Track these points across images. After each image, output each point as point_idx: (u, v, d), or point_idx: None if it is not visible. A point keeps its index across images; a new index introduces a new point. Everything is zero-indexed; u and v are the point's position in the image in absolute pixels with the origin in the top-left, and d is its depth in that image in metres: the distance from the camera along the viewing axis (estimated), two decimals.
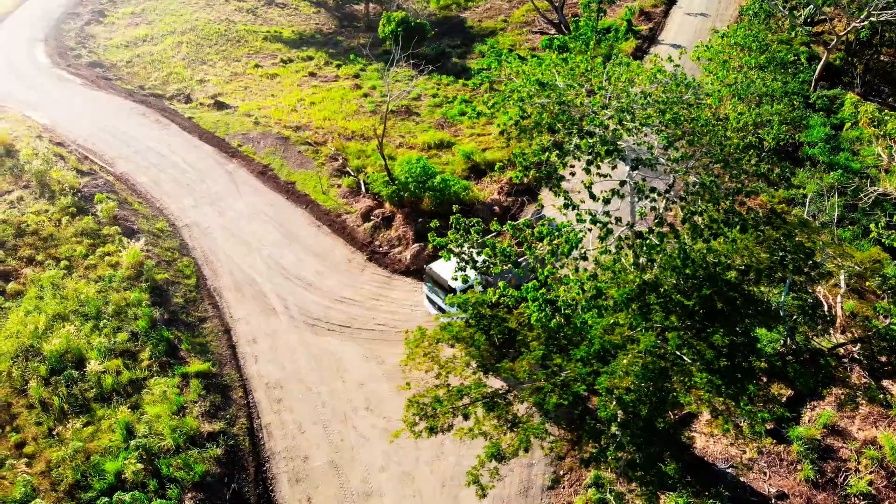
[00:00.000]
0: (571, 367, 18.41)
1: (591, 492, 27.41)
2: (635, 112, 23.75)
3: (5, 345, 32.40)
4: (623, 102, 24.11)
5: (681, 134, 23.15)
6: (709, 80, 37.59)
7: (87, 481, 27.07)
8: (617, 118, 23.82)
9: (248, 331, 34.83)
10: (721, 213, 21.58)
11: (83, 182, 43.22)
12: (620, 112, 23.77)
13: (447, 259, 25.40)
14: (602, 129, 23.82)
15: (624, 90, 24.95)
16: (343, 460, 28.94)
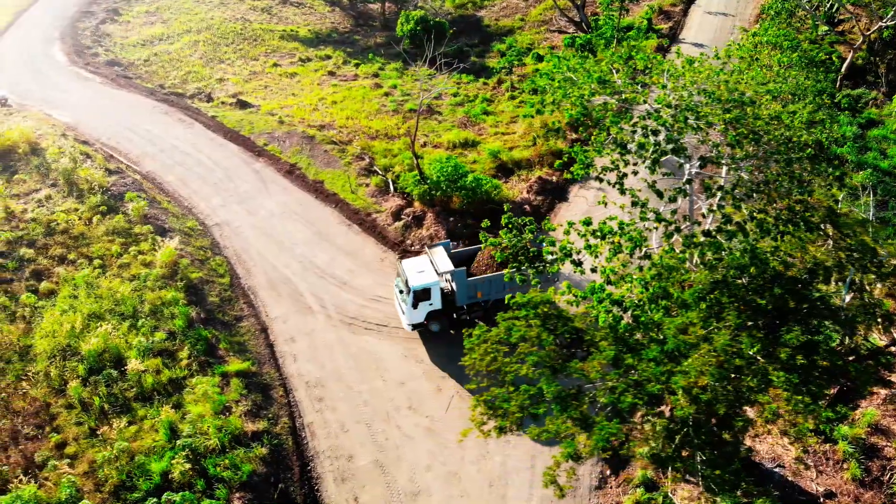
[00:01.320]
0: (643, 366, 18.27)
1: (639, 492, 27.32)
2: (699, 110, 23.59)
3: (41, 344, 32.21)
4: (687, 101, 23.95)
5: (746, 132, 22.99)
6: (745, 79, 37.45)
7: (133, 482, 26.88)
8: (682, 116, 23.65)
9: (286, 329, 34.66)
10: (786, 211, 21.46)
11: (111, 181, 43.02)
12: (685, 111, 23.60)
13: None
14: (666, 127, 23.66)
15: (683, 87, 24.81)
16: (388, 459, 28.78)
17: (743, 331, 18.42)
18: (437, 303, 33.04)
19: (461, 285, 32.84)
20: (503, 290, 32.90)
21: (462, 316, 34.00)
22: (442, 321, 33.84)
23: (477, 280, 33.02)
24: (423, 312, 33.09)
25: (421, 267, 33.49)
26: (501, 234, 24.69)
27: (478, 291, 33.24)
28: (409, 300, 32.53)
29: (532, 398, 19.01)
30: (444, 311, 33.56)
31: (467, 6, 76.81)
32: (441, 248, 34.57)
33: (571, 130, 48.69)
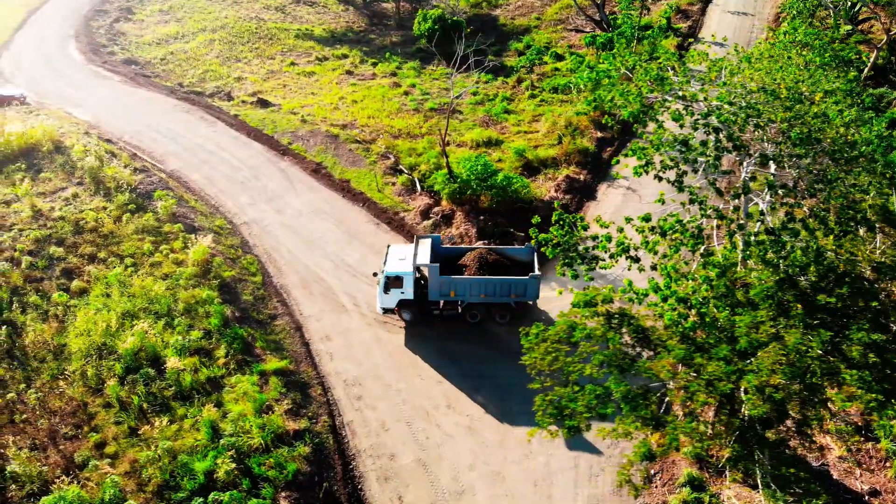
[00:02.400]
0: (713, 365, 18.12)
1: (685, 491, 27.15)
2: (760, 108, 23.42)
3: (76, 343, 32.00)
4: (747, 100, 23.77)
5: (807, 131, 22.83)
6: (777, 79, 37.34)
7: (176, 481, 26.67)
8: (743, 115, 23.48)
9: (320, 328, 34.49)
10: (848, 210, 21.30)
11: (138, 179, 42.83)
12: (747, 109, 23.43)
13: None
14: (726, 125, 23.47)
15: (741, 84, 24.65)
16: (430, 458, 28.61)
17: (811, 329, 18.29)
18: (410, 293, 33.35)
19: (433, 281, 33.07)
20: (483, 295, 33.08)
21: (434, 311, 34.26)
22: (414, 312, 34.08)
23: (451, 279, 33.00)
24: (394, 299, 33.59)
25: (404, 254, 33.99)
26: (552, 230, 24.50)
27: (451, 290, 33.25)
28: (381, 284, 33.13)
29: (598, 398, 18.84)
30: (416, 302, 33.76)
31: (482, 5, 76.68)
32: (429, 240, 34.96)
33: (596, 129, 48.58)
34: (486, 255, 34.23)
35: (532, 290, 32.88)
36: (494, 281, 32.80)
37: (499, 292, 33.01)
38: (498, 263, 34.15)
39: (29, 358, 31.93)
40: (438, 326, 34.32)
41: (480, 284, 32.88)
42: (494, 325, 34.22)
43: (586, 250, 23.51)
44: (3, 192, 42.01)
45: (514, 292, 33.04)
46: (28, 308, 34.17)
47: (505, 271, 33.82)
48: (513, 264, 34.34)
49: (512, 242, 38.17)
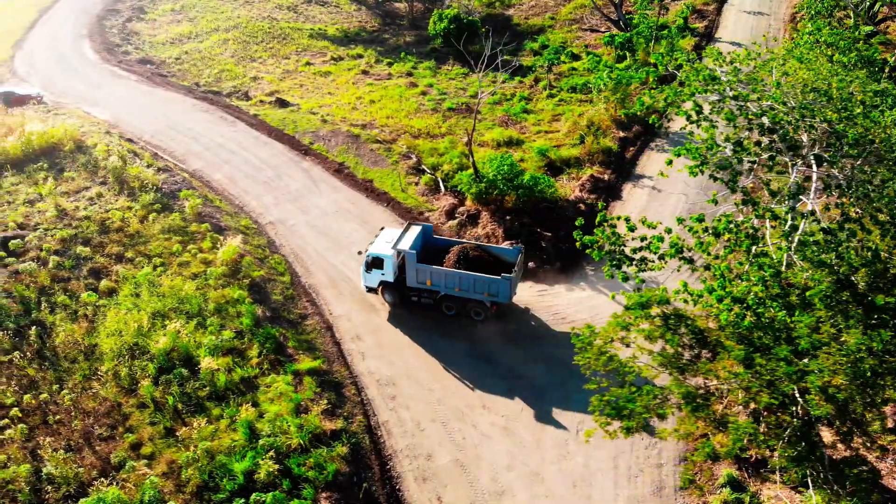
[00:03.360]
0: (773, 365, 18.02)
1: (726, 491, 27.03)
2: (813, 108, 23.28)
3: (107, 343, 31.83)
4: (798, 100, 23.65)
5: (862, 131, 22.71)
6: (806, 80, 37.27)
7: (216, 482, 26.54)
8: (798, 115, 23.34)
9: (351, 328, 34.37)
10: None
11: (161, 179, 42.67)
12: (801, 109, 23.30)
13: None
14: (780, 125, 23.33)
15: (792, 85, 24.51)
16: (468, 459, 28.50)
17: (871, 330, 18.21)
18: (390, 276, 34.17)
19: (410, 267, 33.73)
20: (458, 289, 33.38)
21: (413, 297, 34.77)
22: (395, 295, 34.92)
23: (427, 268, 33.49)
24: (375, 279, 34.62)
25: (392, 238, 34.67)
26: (597, 231, 24.36)
27: (427, 279, 33.74)
28: (363, 264, 34.39)
29: (656, 398, 18.74)
30: (396, 285, 34.49)
31: (495, 5, 76.56)
32: (419, 228, 35.49)
33: (618, 128, 48.49)
34: (469, 250, 34.41)
35: (503, 291, 32.80)
36: (466, 276, 32.97)
37: (471, 288, 33.19)
38: (480, 260, 34.12)
39: (60, 358, 31.76)
40: (469, 328, 34.18)
41: (454, 277, 33.21)
42: (527, 327, 34.10)
43: (634, 251, 23.34)
44: (26, 192, 41.88)
45: (486, 290, 33.00)
46: (57, 308, 34.01)
47: (487, 268, 33.73)
48: (497, 263, 34.21)
49: (539, 242, 38.07)
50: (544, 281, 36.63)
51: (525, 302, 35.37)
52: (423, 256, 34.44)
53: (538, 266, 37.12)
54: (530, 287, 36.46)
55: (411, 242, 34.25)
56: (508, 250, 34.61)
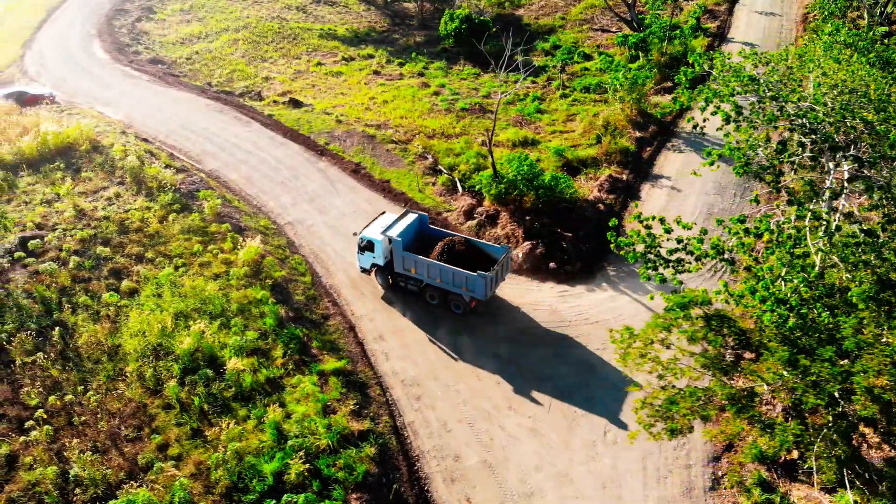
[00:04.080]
0: (817, 367, 17.94)
1: (756, 492, 26.95)
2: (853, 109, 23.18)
3: (131, 344, 31.69)
4: (839, 101, 23.53)
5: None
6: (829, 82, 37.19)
7: (245, 483, 26.42)
8: (838, 115, 23.22)
9: (373, 328, 34.27)
10: None
11: (179, 179, 42.55)
12: (841, 110, 23.18)
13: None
14: (820, 125, 23.21)
15: (833, 86, 24.40)
16: (496, 460, 28.41)
17: None
18: (380, 259, 35.20)
19: (397, 253, 34.64)
20: (439, 280, 33.99)
21: (400, 282, 35.62)
22: (385, 278, 36.03)
23: (412, 256, 34.22)
24: (367, 261, 35.85)
25: (387, 223, 35.63)
26: (630, 232, 24.22)
27: (412, 267, 34.50)
28: (357, 246, 35.67)
29: (700, 400, 18.65)
30: (386, 269, 35.49)
31: (504, 5, 76.52)
32: (415, 216, 36.32)
33: (634, 128, 48.43)
34: (456, 244, 34.89)
35: (479, 287, 33.11)
36: (446, 269, 33.47)
37: (451, 281, 33.70)
38: (465, 254, 34.51)
39: (83, 359, 31.63)
40: (491, 328, 34.09)
41: (434, 268, 33.82)
42: (550, 328, 33.99)
43: (670, 252, 23.19)
44: (43, 192, 41.75)
45: (464, 285, 33.44)
46: (78, 308, 33.88)
47: (472, 263, 33.95)
48: (483, 259, 34.50)
49: (560, 242, 37.98)
50: (566, 282, 36.54)
51: (548, 303, 35.30)
52: (417, 245, 35.24)
53: (559, 267, 37.02)
54: (551, 288, 36.40)
55: (402, 229, 34.99)
56: (495, 248, 34.95)
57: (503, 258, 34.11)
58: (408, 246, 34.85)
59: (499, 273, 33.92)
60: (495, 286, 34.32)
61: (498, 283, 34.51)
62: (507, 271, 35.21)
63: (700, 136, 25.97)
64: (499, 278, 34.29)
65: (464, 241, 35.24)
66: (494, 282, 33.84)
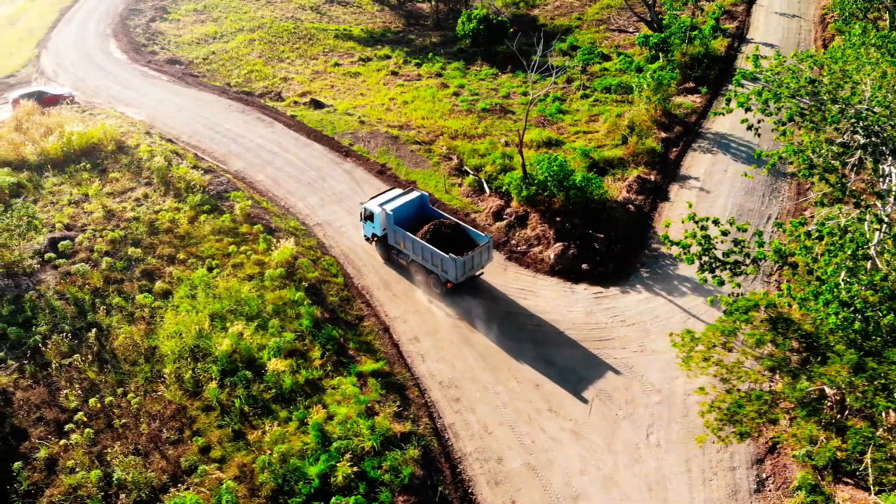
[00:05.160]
0: (885, 369, 17.85)
1: (801, 494, 26.87)
2: None
3: (167, 345, 31.52)
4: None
5: None
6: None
7: (290, 486, 26.28)
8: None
9: (408, 329, 34.14)
10: None
11: (206, 180, 42.38)
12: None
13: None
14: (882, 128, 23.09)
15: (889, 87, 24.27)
16: (539, 463, 28.28)
17: None
18: (379, 230, 37.07)
19: (389, 226, 36.29)
20: (421, 258, 35.33)
21: (392, 254, 37.31)
22: (381, 249, 37.99)
23: (402, 232, 35.69)
24: (368, 230, 37.98)
25: (391, 198, 37.47)
26: (684, 234, 24.10)
27: (401, 241, 36.12)
28: (360, 214, 37.93)
29: (767, 403, 18.54)
30: (382, 240, 37.19)
31: (519, 5, 76.49)
32: (417, 195, 37.97)
33: (659, 129, 48.35)
34: (443, 226, 36.11)
35: (449, 270, 34.17)
36: (426, 247, 34.75)
37: (429, 260, 34.95)
38: (452, 237, 35.64)
39: (119, 361, 31.48)
40: (526, 330, 33.95)
41: (417, 246, 35.21)
42: (586, 328, 33.87)
43: (726, 254, 23.04)
44: (70, 192, 41.59)
45: (440, 265, 34.54)
46: (112, 310, 33.72)
47: (456, 246, 35.03)
48: (468, 245, 35.50)
49: (592, 244, 37.87)
50: (599, 283, 36.42)
51: (582, 305, 35.19)
52: (416, 223, 36.69)
53: (592, 268, 36.90)
54: (585, 289, 36.28)
55: (399, 205, 36.67)
56: (480, 236, 35.89)
57: (482, 246, 35.10)
58: (405, 222, 36.35)
59: (474, 259, 34.86)
60: (470, 271, 35.11)
61: (475, 269, 35.39)
62: (487, 260, 36.01)
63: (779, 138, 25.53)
64: (475, 265, 35.23)
65: (453, 224, 36.60)
66: (468, 267, 34.73)
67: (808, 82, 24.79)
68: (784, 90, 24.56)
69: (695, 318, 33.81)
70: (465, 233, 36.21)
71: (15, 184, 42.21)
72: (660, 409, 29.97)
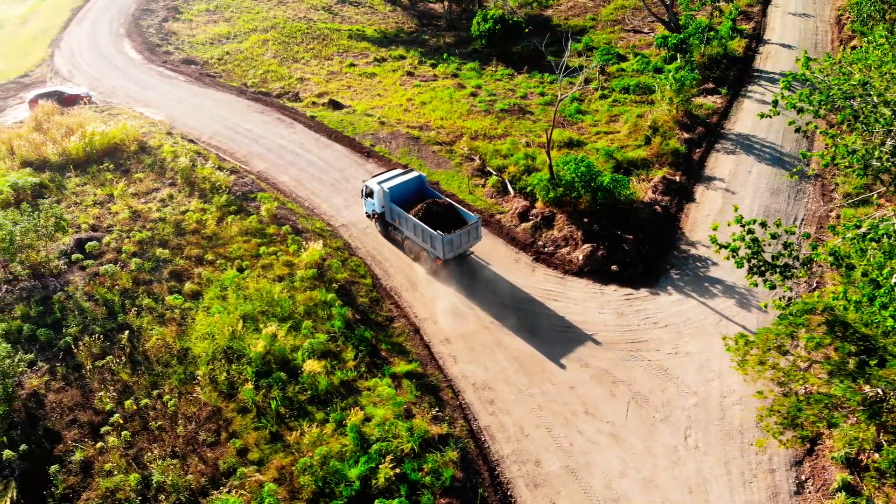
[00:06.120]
0: None
1: (841, 496, 26.78)
2: None
3: (200, 347, 31.37)
4: None
5: None
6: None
7: (330, 488, 26.14)
8: None
9: (438, 331, 34.02)
10: None
11: (231, 180, 42.23)
12: None
13: None
14: None
15: None
16: (578, 465, 28.17)
17: None
18: (378, 207, 38.43)
19: (387, 204, 37.82)
20: (415, 235, 36.71)
21: (389, 230, 39.01)
22: (380, 225, 39.53)
23: (396, 208, 37.24)
24: (369, 207, 39.42)
25: (390, 177, 38.91)
26: (732, 236, 23.94)
27: (396, 219, 37.64)
28: (361, 191, 39.61)
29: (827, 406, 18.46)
30: (381, 218, 38.72)
31: (532, 5, 76.39)
32: (415, 175, 39.49)
33: (681, 130, 48.26)
34: (436, 205, 37.49)
35: (437, 247, 35.47)
36: (418, 224, 36.08)
37: (420, 237, 36.36)
38: (444, 217, 36.95)
39: (152, 362, 31.32)
40: (561, 332, 33.84)
41: (410, 223, 36.57)
42: (617, 330, 33.76)
43: (775, 257, 22.90)
44: (93, 193, 41.42)
45: (429, 243, 35.88)
46: (143, 311, 33.57)
47: (449, 226, 36.22)
48: (460, 224, 36.66)
49: (621, 245, 37.77)
50: (629, 285, 36.32)
51: (613, 307, 35.09)
52: (413, 202, 37.88)
53: (622, 270, 36.81)
54: (615, 291, 36.18)
55: (397, 183, 38.09)
56: (470, 216, 37.09)
57: (470, 225, 36.25)
58: (403, 200, 37.69)
59: (462, 238, 35.95)
60: (458, 249, 36.21)
61: (463, 247, 36.49)
62: (476, 239, 37.01)
63: (832, 139, 25.14)
64: (464, 243, 36.33)
65: (446, 203, 37.95)
66: (456, 245, 35.87)
67: (860, 84, 24.63)
68: (837, 92, 24.37)
69: (727, 319, 33.73)
70: (457, 213, 37.48)
71: (37, 184, 42.03)
72: (696, 412, 29.86)
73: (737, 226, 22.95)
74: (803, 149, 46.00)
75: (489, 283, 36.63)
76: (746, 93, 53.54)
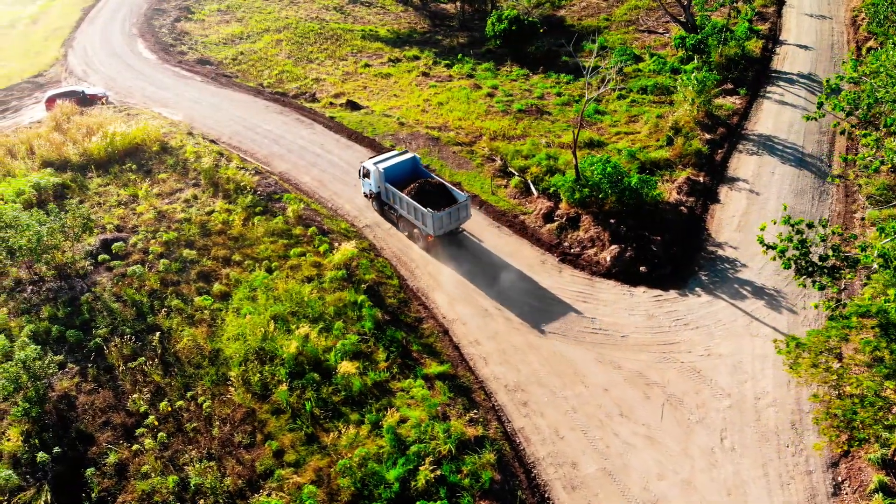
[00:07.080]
0: None
1: (878, 497, 26.71)
2: None
3: (231, 348, 31.25)
4: None
5: None
6: None
7: (369, 490, 26.04)
8: None
9: (467, 332, 33.91)
10: None
11: (255, 181, 42.10)
12: None
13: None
14: None
15: None
16: (615, 467, 28.07)
17: None
18: (374, 187, 39.77)
19: (382, 183, 39.01)
20: (408, 213, 37.95)
21: (385, 209, 40.24)
22: (376, 205, 40.83)
23: (390, 188, 38.50)
24: (366, 187, 40.81)
25: (387, 158, 40.36)
26: (778, 237, 23.90)
27: (391, 197, 38.92)
28: (359, 172, 41.11)
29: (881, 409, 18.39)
30: (377, 197, 40.04)
31: (545, 5, 76.23)
32: (410, 156, 40.94)
33: (703, 130, 48.18)
34: (428, 184, 38.65)
35: (427, 223, 36.74)
36: (410, 202, 37.30)
37: (413, 214, 37.62)
38: (435, 195, 38.11)
39: (184, 364, 31.20)
40: (593, 333, 33.76)
41: (404, 202, 37.83)
42: (648, 331, 33.67)
43: (822, 259, 22.84)
44: (116, 193, 41.27)
45: (421, 220, 37.14)
46: (172, 312, 33.44)
47: (438, 204, 37.42)
48: (451, 203, 37.87)
49: (649, 246, 37.70)
50: (658, 286, 36.22)
51: (643, 308, 34.99)
52: (408, 182, 38.95)
53: (650, 271, 36.72)
54: (644, 292, 36.08)
55: (393, 164, 39.44)
56: (460, 195, 38.49)
57: (460, 203, 37.59)
58: (398, 180, 38.88)
59: (451, 216, 37.20)
60: (448, 226, 37.39)
61: (452, 224, 37.66)
62: (465, 217, 38.29)
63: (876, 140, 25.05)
64: (453, 220, 37.55)
65: (437, 183, 39.17)
66: (446, 222, 37.09)
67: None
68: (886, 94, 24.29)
69: (758, 321, 33.65)
70: (449, 192, 38.72)
71: (59, 184, 41.89)
72: (731, 414, 29.77)
73: (775, 226, 22.89)
74: (826, 151, 45.99)
75: (516, 285, 36.52)
76: (766, 93, 53.46)
